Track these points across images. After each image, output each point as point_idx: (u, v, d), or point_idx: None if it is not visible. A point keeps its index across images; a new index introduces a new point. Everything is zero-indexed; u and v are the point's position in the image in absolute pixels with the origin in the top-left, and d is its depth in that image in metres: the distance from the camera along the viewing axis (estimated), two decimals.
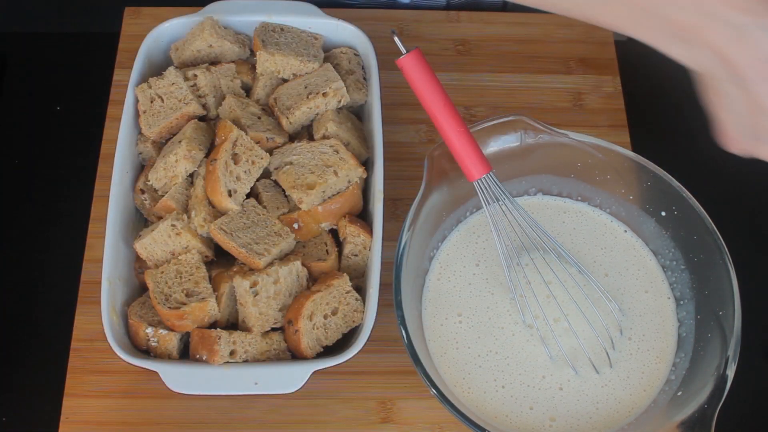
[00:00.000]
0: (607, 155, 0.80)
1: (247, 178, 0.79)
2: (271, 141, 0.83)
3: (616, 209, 0.84)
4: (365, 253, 0.80)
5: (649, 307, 0.80)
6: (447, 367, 0.77)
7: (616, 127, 0.96)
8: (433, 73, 0.71)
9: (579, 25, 1.02)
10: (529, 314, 0.78)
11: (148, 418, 0.80)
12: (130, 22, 1.01)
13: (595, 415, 0.74)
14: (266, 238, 0.77)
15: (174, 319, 0.74)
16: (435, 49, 1.00)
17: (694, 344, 0.75)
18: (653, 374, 0.76)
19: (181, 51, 0.88)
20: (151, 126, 0.83)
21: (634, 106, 0.97)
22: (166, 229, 0.77)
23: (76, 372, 0.82)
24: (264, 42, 0.86)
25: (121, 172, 0.81)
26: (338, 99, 0.84)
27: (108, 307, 0.75)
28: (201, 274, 0.76)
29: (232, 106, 0.83)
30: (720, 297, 0.73)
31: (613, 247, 0.83)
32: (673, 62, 0.62)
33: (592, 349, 0.76)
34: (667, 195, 0.78)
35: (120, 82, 0.96)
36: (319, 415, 0.80)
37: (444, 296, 0.80)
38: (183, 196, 0.81)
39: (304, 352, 0.75)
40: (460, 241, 0.83)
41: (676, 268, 0.80)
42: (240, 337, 0.74)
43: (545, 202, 0.86)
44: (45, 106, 0.99)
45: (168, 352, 0.76)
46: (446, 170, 0.78)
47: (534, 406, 0.75)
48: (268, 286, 0.75)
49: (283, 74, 0.86)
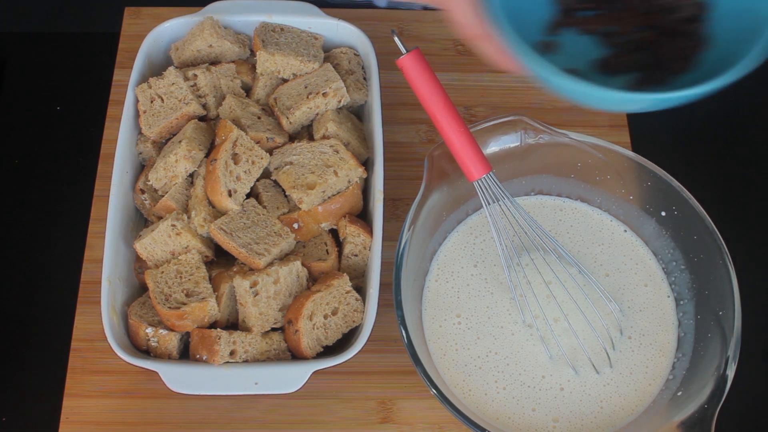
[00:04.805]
0: (607, 155, 0.80)
1: (247, 178, 0.79)
2: (271, 141, 0.83)
3: (616, 209, 0.84)
4: (365, 253, 0.80)
5: (649, 302, 0.80)
6: (447, 369, 0.77)
7: (616, 127, 0.96)
8: (433, 73, 0.71)
9: None
10: (529, 314, 0.78)
11: (148, 418, 0.80)
12: (130, 22, 1.01)
13: (599, 415, 0.74)
14: (266, 238, 0.77)
15: (174, 319, 0.74)
16: (435, 49, 1.00)
17: (693, 344, 0.76)
18: (657, 367, 0.76)
19: (181, 51, 0.88)
20: (151, 126, 0.83)
21: None
22: (166, 229, 0.77)
23: (76, 372, 0.82)
24: (264, 42, 0.86)
25: (121, 172, 0.81)
26: (338, 99, 0.84)
27: (108, 307, 0.75)
28: (201, 274, 0.76)
29: (232, 106, 0.83)
30: (720, 297, 0.73)
31: (611, 243, 0.83)
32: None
33: (592, 349, 0.76)
34: (667, 195, 0.78)
35: (120, 82, 0.96)
36: (319, 415, 0.80)
37: (442, 297, 0.80)
38: (183, 196, 0.81)
39: (304, 352, 0.75)
40: (459, 243, 0.83)
41: (675, 268, 0.80)
42: (240, 337, 0.74)
43: (542, 200, 0.86)
44: (45, 106, 0.99)
45: (168, 352, 0.76)
46: (446, 170, 0.78)
47: (536, 407, 0.75)
48: (268, 286, 0.75)
49: (283, 74, 0.86)
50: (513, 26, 0.58)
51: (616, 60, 0.63)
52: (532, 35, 0.63)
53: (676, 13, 0.61)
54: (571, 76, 0.56)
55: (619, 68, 0.63)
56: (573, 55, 0.64)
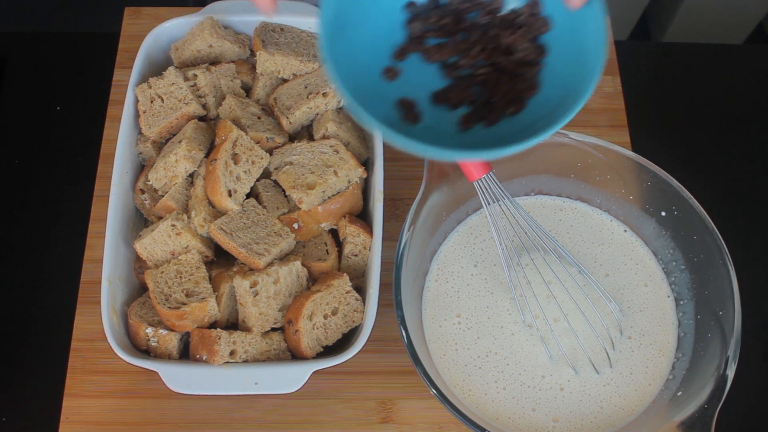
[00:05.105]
0: (607, 155, 0.80)
1: (247, 178, 0.79)
2: (271, 141, 0.83)
3: (616, 209, 0.84)
4: (365, 253, 0.80)
5: (649, 301, 0.80)
6: (447, 369, 0.77)
7: (616, 127, 0.96)
8: None
9: None
10: (528, 314, 0.78)
11: (148, 418, 0.80)
12: (130, 22, 1.01)
13: (599, 415, 0.74)
14: (266, 238, 0.77)
15: (174, 319, 0.74)
16: None
17: (693, 344, 0.76)
18: (657, 367, 0.76)
19: (181, 51, 0.88)
20: (151, 126, 0.83)
21: (634, 106, 0.97)
22: (166, 229, 0.77)
23: (76, 372, 0.82)
24: (264, 42, 0.86)
25: (121, 172, 0.81)
26: (338, 99, 0.84)
27: (108, 307, 0.75)
28: (201, 274, 0.76)
29: (232, 106, 0.83)
30: (720, 297, 0.73)
31: (611, 243, 0.83)
32: (672, 63, 0.62)
33: (592, 349, 0.76)
34: (667, 195, 0.78)
35: (120, 82, 0.96)
36: (319, 415, 0.80)
37: (442, 297, 0.80)
38: (183, 196, 0.81)
39: (304, 352, 0.75)
40: (459, 243, 0.83)
41: (675, 268, 0.80)
42: (240, 337, 0.74)
43: (542, 200, 0.86)
44: (45, 106, 0.99)
45: (168, 352, 0.76)
46: (446, 170, 0.78)
47: (536, 407, 0.75)
48: (268, 286, 0.75)
49: (283, 74, 0.86)
50: (342, 62, 0.58)
51: (451, 93, 0.63)
52: (382, 60, 0.64)
53: (516, 55, 0.62)
54: (373, 120, 0.57)
55: (451, 101, 0.64)
56: (414, 84, 0.65)
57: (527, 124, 0.61)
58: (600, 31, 0.58)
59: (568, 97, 0.59)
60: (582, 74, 0.59)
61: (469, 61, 0.63)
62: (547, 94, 0.62)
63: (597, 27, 0.58)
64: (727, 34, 1.90)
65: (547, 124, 0.58)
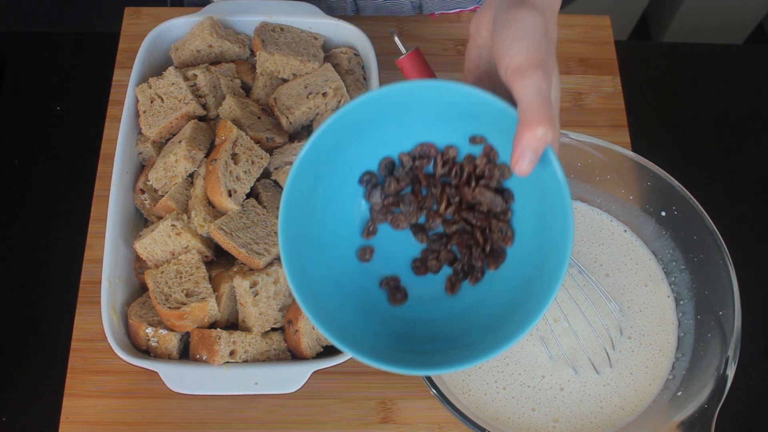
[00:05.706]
0: (607, 155, 0.80)
1: (247, 178, 0.79)
2: (271, 141, 0.83)
3: (616, 209, 0.84)
4: None
5: (649, 302, 0.80)
6: None
7: (616, 127, 0.96)
8: (434, 74, 0.71)
9: (579, 25, 1.02)
10: None
11: (148, 418, 0.80)
12: (130, 22, 1.01)
13: (599, 415, 0.74)
14: (266, 238, 0.77)
15: (174, 319, 0.74)
16: (435, 49, 1.00)
17: (693, 344, 0.76)
18: (657, 367, 0.76)
19: (181, 51, 0.88)
20: (151, 126, 0.83)
21: (634, 106, 0.98)
22: (166, 229, 0.77)
23: (76, 372, 0.82)
24: (264, 42, 0.86)
25: (121, 172, 0.81)
26: (338, 99, 0.84)
27: (108, 307, 0.75)
28: (201, 274, 0.76)
29: (232, 106, 0.83)
30: (720, 297, 0.73)
31: (611, 243, 0.83)
32: (672, 63, 0.62)
33: (591, 349, 0.76)
34: (667, 195, 0.78)
35: (120, 82, 0.96)
36: (319, 415, 0.80)
37: None
38: (183, 196, 0.81)
39: (304, 352, 0.75)
40: None
41: (675, 268, 0.80)
42: (240, 337, 0.74)
43: None
44: (45, 106, 0.99)
45: (168, 352, 0.76)
46: None
47: (536, 407, 0.75)
48: (268, 286, 0.75)
49: (283, 74, 0.86)
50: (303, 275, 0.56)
51: (429, 262, 0.61)
52: (355, 241, 0.62)
53: (482, 208, 0.59)
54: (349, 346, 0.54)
55: (432, 269, 0.62)
56: (390, 259, 0.62)
57: (511, 275, 0.59)
58: (559, 185, 0.52)
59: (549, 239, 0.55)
60: (559, 207, 0.53)
61: (437, 219, 0.61)
62: (524, 236, 0.59)
63: (556, 184, 0.52)
64: (727, 34, 1.90)
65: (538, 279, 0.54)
